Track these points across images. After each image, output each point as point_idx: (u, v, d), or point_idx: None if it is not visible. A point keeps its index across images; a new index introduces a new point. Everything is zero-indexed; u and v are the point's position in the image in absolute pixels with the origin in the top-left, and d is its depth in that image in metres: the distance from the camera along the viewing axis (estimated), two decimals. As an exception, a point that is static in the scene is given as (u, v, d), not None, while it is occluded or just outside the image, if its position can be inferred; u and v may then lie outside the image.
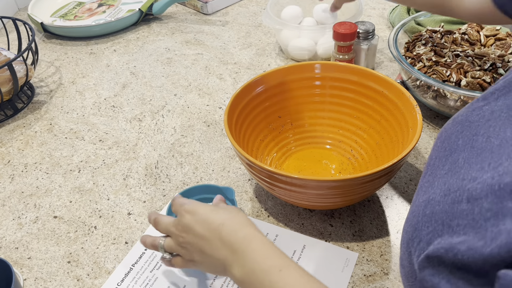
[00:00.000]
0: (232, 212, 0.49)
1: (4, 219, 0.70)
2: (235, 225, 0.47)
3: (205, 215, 0.49)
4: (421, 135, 0.76)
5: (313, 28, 0.97)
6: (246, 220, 0.48)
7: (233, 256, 0.46)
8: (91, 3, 1.25)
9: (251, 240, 0.46)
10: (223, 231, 0.47)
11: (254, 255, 0.45)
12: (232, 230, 0.47)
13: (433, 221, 0.33)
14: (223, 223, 0.47)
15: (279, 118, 0.75)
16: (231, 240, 0.46)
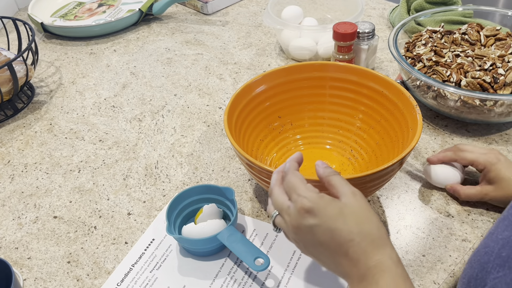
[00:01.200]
0: (362, 223, 0.41)
1: (4, 219, 0.70)
2: (367, 245, 0.40)
3: (330, 223, 0.41)
4: (421, 135, 0.76)
5: (314, 28, 0.97)
6: (379, 236, 0.41)
7: (358, 277, 0.40)
8: (91, 3, 1.25)
9: (382, 273, 0.39)
10: (351, 248, 0.40)
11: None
12: (363, 253, 0.40)
13: (507, 267, 0.29)
14: (353, 239, 0.41)
15: (279, 118, 0.75)
16: (360, 264, 0.40)
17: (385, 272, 0.39)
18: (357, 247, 0.40)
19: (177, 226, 0.64)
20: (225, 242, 0.58)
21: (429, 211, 0.66)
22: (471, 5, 0.94)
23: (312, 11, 1.09)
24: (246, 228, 0.65)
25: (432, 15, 0.93)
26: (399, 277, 0.39)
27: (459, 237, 0.62)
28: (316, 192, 0.44)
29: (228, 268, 0.60)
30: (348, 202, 0.43)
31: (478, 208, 0.65)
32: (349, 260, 0.41)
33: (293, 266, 0.60)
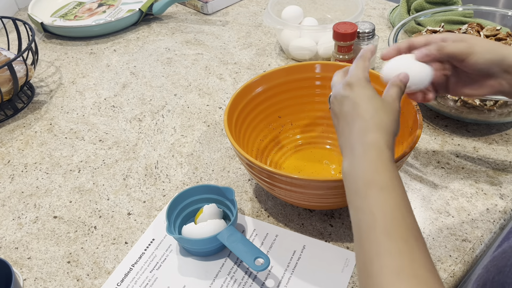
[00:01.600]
0: (380, 110, 0.47)
1: (4, 219, 0.70)
2: (371, 125, 0.46)
3: (358, 99, 0.48)
4: (421, 135, 0.76)
5: (314, 28, 0.97)
6: (386, 125, 0.46)
7: (350, 152, 0.46)
8: (91, 3, 1.25)
9: (372, 148, 0.45)
10: (357, 125, 0.47)
11: (365, 164, 0.44)
12: (363, 129, 0.46)
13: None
14: (364, 116, 0.47)
15: (279, 118, 0.75)
16: (356, 139, 0.46)
17: (378, 148, 0.44)
18: (363, 123, 0.46)
19: (177, 226, 0.64)
20: (225, 242, 0.58)
21: (429, 211, 0.66)
22: (471, 5, 0.94)
23: (312, 11, 1.09)
24: (246, 228, 0.65)
25: (432, 15, 0.93)
26: (385, 156, 0.44)
27: (459, 237, 0.62)
28: (366, 77, 0.51)
29: (228, 268, 0.60)
30: (381, 97, 0.49)
31: (478, 208, 0.65)
32: (354, 132, 0.46)
33: (293, 266, 0.60)
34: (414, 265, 0.37)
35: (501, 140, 0.77)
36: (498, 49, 0.51)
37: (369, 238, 0.40)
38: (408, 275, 0.37)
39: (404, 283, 0.36)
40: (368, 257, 0.39)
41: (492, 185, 0.69)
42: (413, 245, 0.39)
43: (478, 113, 0.75)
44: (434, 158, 0.74)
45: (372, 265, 0.38)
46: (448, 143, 0.77)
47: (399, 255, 0.38)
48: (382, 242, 0.39)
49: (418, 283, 0.36)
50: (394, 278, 0.37)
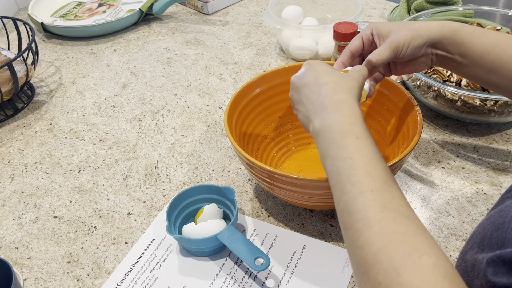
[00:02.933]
0: (342, 78, 0.51)
1: (4, 219, 0.70)
2: (337, 88, 0.49)
3: (320, 70, 0.52)
4: (421, 135, 0.76)
5: (314, 28, 0.97)
6: (350, 88, 0.49)
7: (321, 111, 0.48)
8: (91, 3, 1.25)
9: (342, 105, 0.47)
10: (324, 89, 0.50)
11: (339, 117, 0.47)
12: (331, 91, 0.49)
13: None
14: (328, 83, 0.50)
15: (279, 118, 0.75)
16: (326, 99, 0.49)
17: (348, 104, 0.48)
18: (330, 87, 0.49)
19: (177, 226, 0.64)
20: (225, 242, 0.58)
21: (429, 211, 0.66)
22: (472, 5, 0.94)
23: (312, 11, 1.09)
24: (246, 228, 0.65)
25: (432, 15, 0.93)
26: (356, 111, 0.47)
27: (460, 237, 0.62)
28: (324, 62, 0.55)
29: (228, 268, 0.60)
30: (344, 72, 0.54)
31: (478, 208, 0.65)
32: (322, 95, 0.49)
33: (293, 266, 0.60)
34: (394, 200, 0.40)
35: (501, 140, 0.77)
36: (421, 34, 0.56)
37: (350, 180, 0.42)
38: (390, 209, 0.39)
39: (387, 216, 0.39)
40: (351, 196, 0.41)
41: (493, 185, 0.69)
42: (391, 184, 0.42)
43: (478, 113, 0.75)
44: (434, 158, 0.74)
45: (356, 203, 0.41)
46: (448, 143, 0.76)
47: (381, 192, 0.41)
48: (364, 182, 0.42)
49: (400, 215, 0.39)
50: (379, 211, 0.39)
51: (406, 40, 0.56)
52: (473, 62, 0.55)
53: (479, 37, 0.55)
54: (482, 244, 0.35)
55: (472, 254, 0.36)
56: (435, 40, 0.56)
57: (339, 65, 0.61)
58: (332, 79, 0.50)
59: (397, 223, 0.38)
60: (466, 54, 0.55)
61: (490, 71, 0.55)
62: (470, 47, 0.55)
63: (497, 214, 0.36)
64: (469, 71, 0.57)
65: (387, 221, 0.38)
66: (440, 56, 0.57)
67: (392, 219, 0.38)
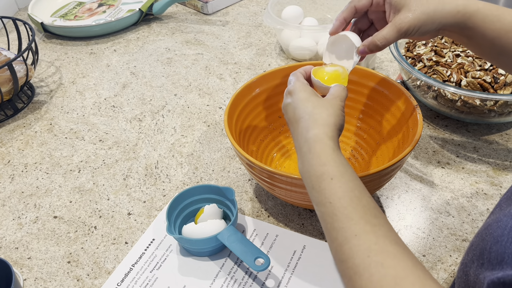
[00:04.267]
0: (317, 108, 0.49)
1: (4, 219, 0.70)
2: (310, 123, 0.48)
3: (297, 103, 0.51)
4: (421, 135, 0.76)
5: (314, 28, 0.97)
6: (324, 120, 0.48)
7: (299, 153, 0.48)
8: (91, 3, 1.25)
9: (315, 143, 0.47)
10: (300, 126, 0.49)
11: (312, 159, 0.46)
12: (305, 128, 0.48)
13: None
14: (303, 116, 0.49)
15: (279, 118, 0.75)
16: (301, 139, 0.48)
17: (320, 141, 0.47)
18: (304, 123, 0.49)
19: (177, 226, 0.64)
20: (225, 242, 0.58)
21: (430, 211, 0.66)
22: (471, 5, 0.94)
23: (312, 11, 1.09)
24: (246, 228, 0.65)
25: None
26: (328, 147, 0.46)
27: (460, 237, 0.62)
28: (303, 83, 0.53)
29: (228, 268, 0.60)
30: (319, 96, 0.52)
31: (478, 208, 0.65)
32: (299, 133, 0.49)
33: (293, 266, 0.60)
34: (379, 241, 0.39)
35: (501, 140, 0.77)
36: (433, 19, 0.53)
37: (334, 226, 0.42)
38: (377, 252, 0.39)
39: (374, 260, 0.38)
40: (338, 244, 0.41)
41: (493, 185, 0.69)
42: (374, 223, 0.41)
43: (478, 113, 0.75)
44: (434, 158, 0.74)
45: (343, 251, 0.40)
46: (448, 143, 0.76)
47: (365, 234, 0.40)
48: (346, 227, 0.41)
49: (388, 257, 0.38)
50: (365, 256, 0.39)
51: (417, 25, 0.53)
52: (483, 45, 0.54)
53: (493, 22, 0.52)
54: (482, 258, 0.34)
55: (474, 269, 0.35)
56: (447, 24, 0.53)
57: (341, 21, 0.57)
58: (307, 111, 0.49)
59: (385, 267, 0.38)
60: (476, 38, 0.54)
61: (500, 53, 0.53)
62: (481, 32, 0.53)
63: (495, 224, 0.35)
64: (478, 51, 0.55)
65: (375, 266, 0.38)
66: (450, 35, 0.55)
67: (380, 264, 0.38)
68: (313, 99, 0.50)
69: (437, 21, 0.53)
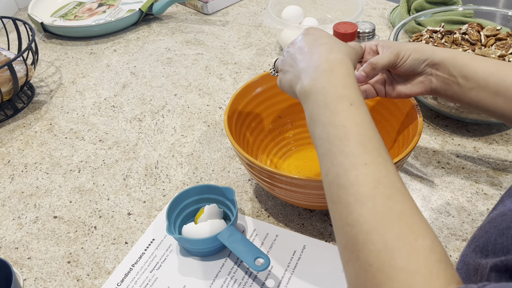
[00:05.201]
0: (341, 42, 0.49)
1: (4, 219, 0.70)
2: (334, 47, 0.47)
3: (319, 35, 0.50)
4: (421, 135, 0.76)
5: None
6: (348, 51, 0.48)
7: (314, 69, 0.45)
8: (91, 3, 1.25)
9: (338, 64, 0.45)
10: (320, 48, 0.47)
11: (333, 78, 0.44)
12: (327, 50, 0.47)
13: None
14: (327, 43, 0.48)
15: (279, 118, 0.75)
16: (321, 57, 0.46)
17: (342, 65, 0.45)
18: (327, 46, 0.47)
19: (177, 226, 0.64)
20: (225, 242, 0.58)
21: (430, 211, 0.66)
22: (472, 5, 0.94)
23: (313, 11, 1.09)
24: (246, 228, 0.65)
25: (432, 15, 0.93)
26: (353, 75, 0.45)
27: (460, 237, 0.62)
28: None
29: (228, 268, 0.60)
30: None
31: (478, 208, 0.65)
32: (317, 54, 0.47)
33: (293, 266, 0.60)
34: (390, 176, 0.38)
35: (501, 140, 0.77)
36: (423, 49, 0.56)
37: (343, 150, 0.40)
38: (385, 185, 0.37)
39: (382, 192, 0.37)
40: (342, 168, 0.39)
41: (493, 185, 0.69)
42: (386, 158, 0.40)
43: (478, 113, 0.75)
44: (434, 158, 0.74)
45: (347, 176, 0.38)
46: (448, 143, 0.76)
47: (375, 165, 0.38)
48: (357, 154, 0.39)
49: (396, 192, 0.37)
50: (372, 187, 0.37)
51: (408, 50, 0.56)
52: (477, 85, 0.54)
53: (481, 61, 0.54)
54: (486, 250, 0.34)
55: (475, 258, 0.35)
56: (437, 60, 0.55)
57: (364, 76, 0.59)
58: (331, 40, 0.49)
59: (392, 200, 0.36)
60: (469, 76, 0.54)
61: (495, 93, 0.53)
62: (473, 69, 0.54)
63: (500, 218, 0.35)
64: (473, 94, 0.55)
65: (382, 198, 0.36)
66: (441, 78, 0.56)
67: (387, 197, 0.36)
68: (331, 37, 0.50)
69: (427, 52, 0.55)
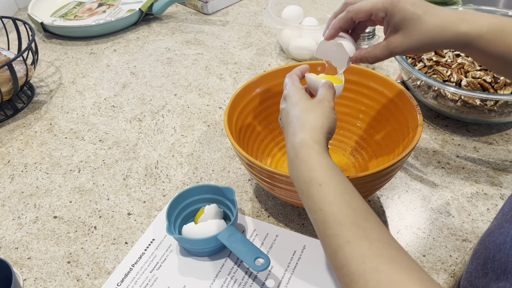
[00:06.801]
0: (305, 112, 0.49)
1: (4, 219, 0.70)
2: (297, 127, 0.48)
3: (289, 108, 0.51)
4: (421, 135, 0.76)
5: (314, 28, 0.97)
6: (311, 124, 0.48)
7: (288, 158, 0.48)
8: (91, 3, 1.25)
9: (301, 148, 0.46)
10: (288, 131, 0.49)
11: (300, 165, 0.46)
12: (292, 133, 0.48)
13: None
14: (292, 121, 0.50)
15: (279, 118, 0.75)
16: (289, 144, 0.48)
17: (306, 146, 0.46)
18: (292, 127, 0.49)
19: (177, 226, 0.64)
20: (225, 242, 0.58)
21: (430, 211, 0.66)
22: (472, 5, 0.94)
23: (313, 11, 1.09)
24: (246, 228, 0.65)
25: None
26: (314, 152, 0.46)
27: (460, 237, 0.62)
28: (299, 87, 0.54)
29: (228, 268, 0.60)
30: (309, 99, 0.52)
31: (478, 208, 0.65)
32: (288, 139, 0.49)
33: (293, 266, 0.60)
34: (373, 247, 0.39)
35: (502, 140, 0.77)
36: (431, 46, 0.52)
37: (326, 233, 0.41)
38: (371, 257, 0.38)
39: (369, 267, 0.37)
40: (332, 251, 0.41)
41: (493, 185, 0.69)
42: (365, 227, 0.40)
43: (478, 113, 0.75)
44: (435, 158, 0.74)
45: (337, 258, 0.40)
46: (449, 143, 0.76)
47: (357, 240, 0.39)
48: (338, 234, 0.40)
49: (382, 262, 0.37)
50: (359, 263, 0.38)
51: (412, 50, 0.52)
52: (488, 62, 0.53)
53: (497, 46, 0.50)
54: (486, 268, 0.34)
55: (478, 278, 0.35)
56: (446, 48, 0.52)
57: (336, 29, 0.56)
58: (296, 115, 0.50)
59: (380, 272, 0.37)
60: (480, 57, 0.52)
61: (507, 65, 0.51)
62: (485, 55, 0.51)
63: (497, 230, 0.35)
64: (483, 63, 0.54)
65: (370, 273, 0.37)
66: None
67: (375, 270, 0.37)
68: (302, 103, 0.51)
69: (434, 46, 0.52)
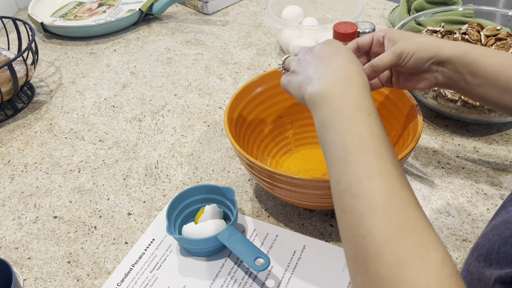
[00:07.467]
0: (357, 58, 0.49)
1: (4, 219, 0.70)
2: (353, 60, 0.47)
3: (338, 46, 0.50)
4: (421, 135, 0.76)
5: (314, 28, 0.97)
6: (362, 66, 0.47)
7: (331, 75, 0.46)
8: (91, 3, 1.25)
9: (356, 75, 0.45)
10: (338, 58, 0.47)
11: (352, 87, 0.44)
12: (346, 60, 0.47)
13: None
14: (345, 55, 0.47)
15: (279, 118, 0.75)
16: (339, 66, 0.46)
17: (359, 77, 0.45)
18: (344, 58, 0.47)
19: (177, 226, 0.64)
20: (225, 242, 0.58)
21: (430, 211, 0.66)
22: (472, 5, 0.94)
23: (313, 11, 1.09)
24: (246, 228, 0.65)
25: (432, 15, 0.93)
26: (367, 86, 0.45)
27: (460, 237, 0.62)
28: None
29: (228, 268, 0.60)
30: None
31: (478, 208, 0.65)
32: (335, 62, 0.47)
33: (293, 266, 0.60)
34: (404, 188, 0.38)
35: (502, 140, 0.77)
36: (428, 47, 0.55)
37: (359, 159, 0.39)
38: (399, 197, 0.37)
39: (396, 204, 0.36)
40: (357, 178, 0.39)
41: (493, 185, 0.69)
42: (400, 170, 0.39)
43: (478, 113, 0.75)
44: (434, 158, 0.74)
45: (362, 186, 0.38)
46: (448, 143, 0.76)
47: (390, 177, 0.38)
48: (373, 164, 0.39)
49: (409, 205, 0.37)
50: (386, 198, 0.37)
51: (412, 50, 0.54)
52: (486, 82, 0.54)
53: (492, 57, 0.53)
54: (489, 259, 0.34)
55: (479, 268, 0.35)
56: (443, 58, 0.54)
57: None
58: (350, 54, 0.48)
59: (405, 213, 0.36)
60: (477, 73, 0.54)
61: (504, 90, 0.53)
62: (482, 66, 0.53)
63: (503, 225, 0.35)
64: (481, 91, 0.55)
65: (396, 210, 0.36)
66: (448, 75, 0.55)
67: (401, 209, 0.36)
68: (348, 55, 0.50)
69: (432, 49, 0.54)
